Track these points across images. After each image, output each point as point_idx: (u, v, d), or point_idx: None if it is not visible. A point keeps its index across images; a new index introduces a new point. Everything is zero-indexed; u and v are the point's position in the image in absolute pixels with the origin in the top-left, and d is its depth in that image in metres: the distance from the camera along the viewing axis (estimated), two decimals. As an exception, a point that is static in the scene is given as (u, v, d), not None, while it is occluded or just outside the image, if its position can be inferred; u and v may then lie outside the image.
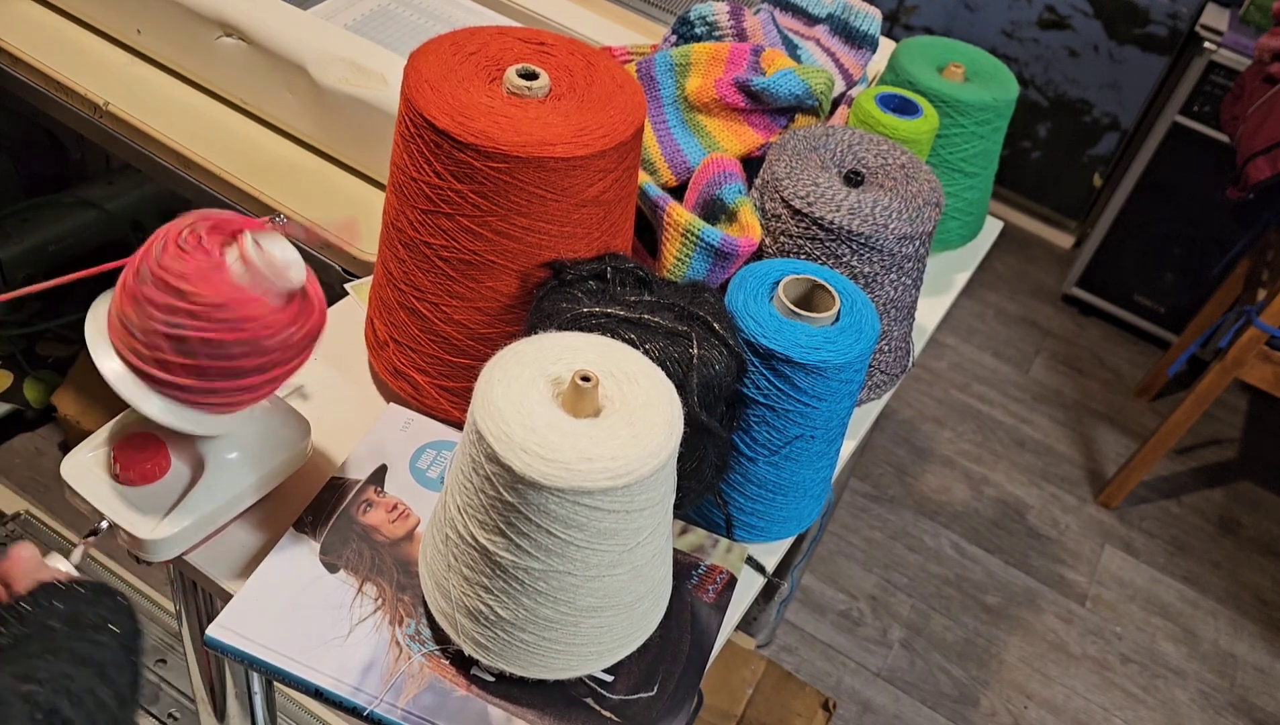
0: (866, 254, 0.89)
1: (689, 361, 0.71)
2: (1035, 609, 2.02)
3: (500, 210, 0.75)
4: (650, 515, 0.63)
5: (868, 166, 0.96)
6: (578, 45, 0.84)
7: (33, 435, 1.86)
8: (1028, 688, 1.89)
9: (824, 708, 1.57)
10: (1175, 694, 1.94)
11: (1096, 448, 2.39)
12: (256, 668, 0.68)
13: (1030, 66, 2.72)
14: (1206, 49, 2.28)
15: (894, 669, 1.87)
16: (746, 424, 0.79)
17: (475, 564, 0.64)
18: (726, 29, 1.12)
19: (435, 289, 0.80)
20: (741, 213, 0.93)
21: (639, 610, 0.68)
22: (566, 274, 0.77)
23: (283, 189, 1.12)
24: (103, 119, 1.18)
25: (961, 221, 1.22)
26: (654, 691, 0.70)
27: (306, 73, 1.10)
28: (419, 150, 0.75)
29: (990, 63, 1.21)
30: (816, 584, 1.97)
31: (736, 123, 1.05)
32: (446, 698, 0.67)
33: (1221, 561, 2.21)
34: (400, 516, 0.77)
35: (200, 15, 1.14)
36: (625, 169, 0.79)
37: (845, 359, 0.76)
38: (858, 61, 1.20)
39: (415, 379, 0.85)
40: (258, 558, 0.76)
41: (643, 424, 0.61)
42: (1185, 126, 2.37)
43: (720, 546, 0.81)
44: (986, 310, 2.71)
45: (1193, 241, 2.51)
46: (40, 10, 1.28)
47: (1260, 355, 1.94)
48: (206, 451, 0.75)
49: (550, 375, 0.63)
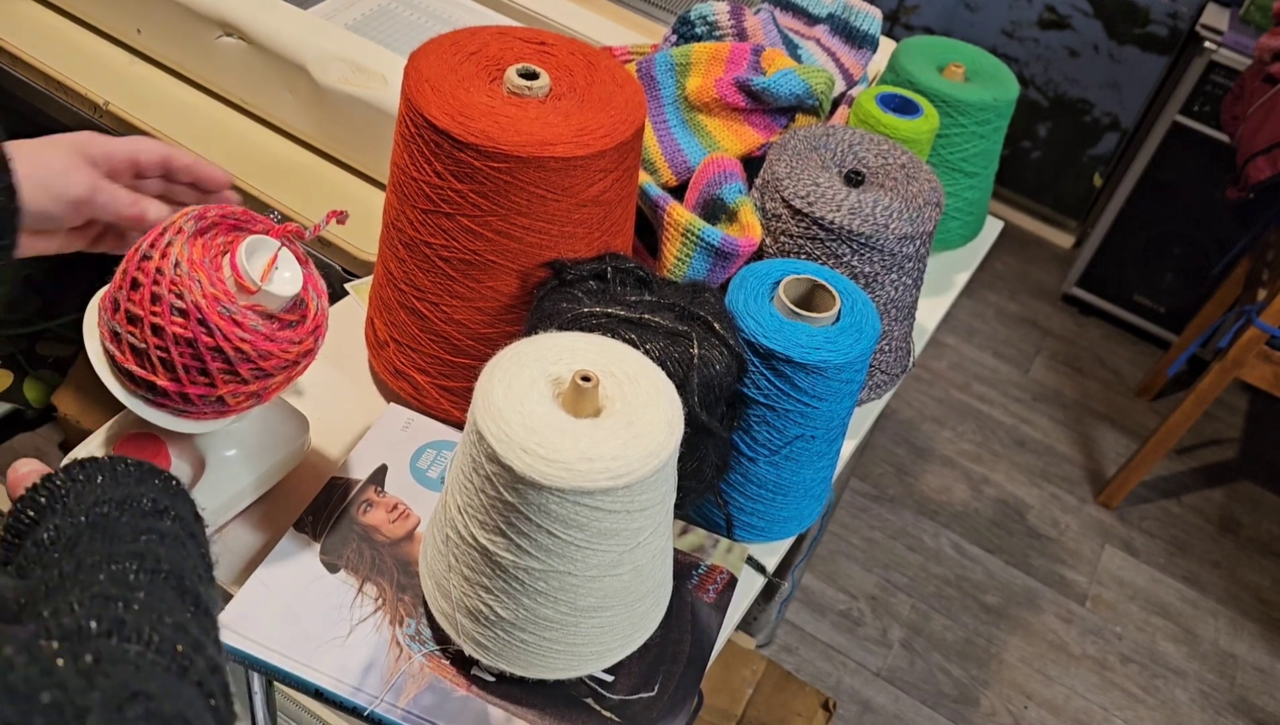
0: (867, 254, 0.89)
1: (689, 361, 0.71)
2: (1035, 609, 2.02)
3: (500, 210, 0.75)
4: (651, 515, 0.63)
5: (868, 166, 0.96)
6: (578, 45, 0.84)
7: (33, 435, 1.86)
8: (1028, 688, 1.89)
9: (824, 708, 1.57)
10: (1175, 694, 1.94)
11: (1096, 448, 2.39)
12: (256, 668, 0.68)
13: (1030, 66, 2.72)
14: (1207, 49, 2.28)
15: (894, 669, 1.87)
16: (747, 424, 0.79)
17: (476, 564, 0.64)
18: (727, 29, 1.12)
19: (435, 289, 0.80)
20: (742, 212, 0.93)
21: (639, 610, 0.68)
22: (567, 274, 0.77)
23: (283, 189, 1.12)
24: (103, 119, 1.18)
25: (962, 221, 1.22)
26: (654, 692, 0.70)
27: (307, 72, 1.10)
28: (419, 150, 0.75)
29: (990, 62, 1.21)
30: (816, 584, 1.97)
31: (737, 122, 1.05)
32: (447, 698, 0.67)
33: (1221, 561, 2.21)
34: (400, 516, 0.77)
35: (200, 15, 1.14)
36: (625, 169, 0.79)
37: (845, 359, 0.76)
38: (858, 61, 1.20)
39: (415, 379, 0.85)
40: (258, 558, 0.76)
41: (643, 424, 0.61)
42: (1185, 126, 2.37)
43: (720, 546, 0.81)
44: (986, 310, 2.71)
45: (1193, 241, 2.51)
46: (40, 10, 1.28)
47: (1260, 355, 1.94)
48: (206, 450, 0.75)
49: (550, 375, 0.63)
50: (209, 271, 0.64)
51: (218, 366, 0.64)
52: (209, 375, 0.65)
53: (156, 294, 0.63)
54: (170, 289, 0.63)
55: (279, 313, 0.67)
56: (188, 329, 0.63)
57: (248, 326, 0.64)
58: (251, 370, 0.66)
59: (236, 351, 0.64)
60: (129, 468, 0.52)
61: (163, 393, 0.65)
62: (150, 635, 0.41)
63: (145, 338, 0.64)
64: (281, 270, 0.67)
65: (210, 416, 0.68)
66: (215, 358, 0.64)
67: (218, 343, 0.64)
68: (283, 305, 0.67)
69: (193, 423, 0.68)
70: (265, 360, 0.66)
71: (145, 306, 0.63)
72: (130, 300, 0.64)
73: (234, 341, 0.64)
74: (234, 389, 0.66)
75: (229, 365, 0.65)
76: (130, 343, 0.64)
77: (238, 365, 0.65)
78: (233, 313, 0.64)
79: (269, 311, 0.67)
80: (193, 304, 0.63)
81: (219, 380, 0.65)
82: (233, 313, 0.64)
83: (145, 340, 0.64)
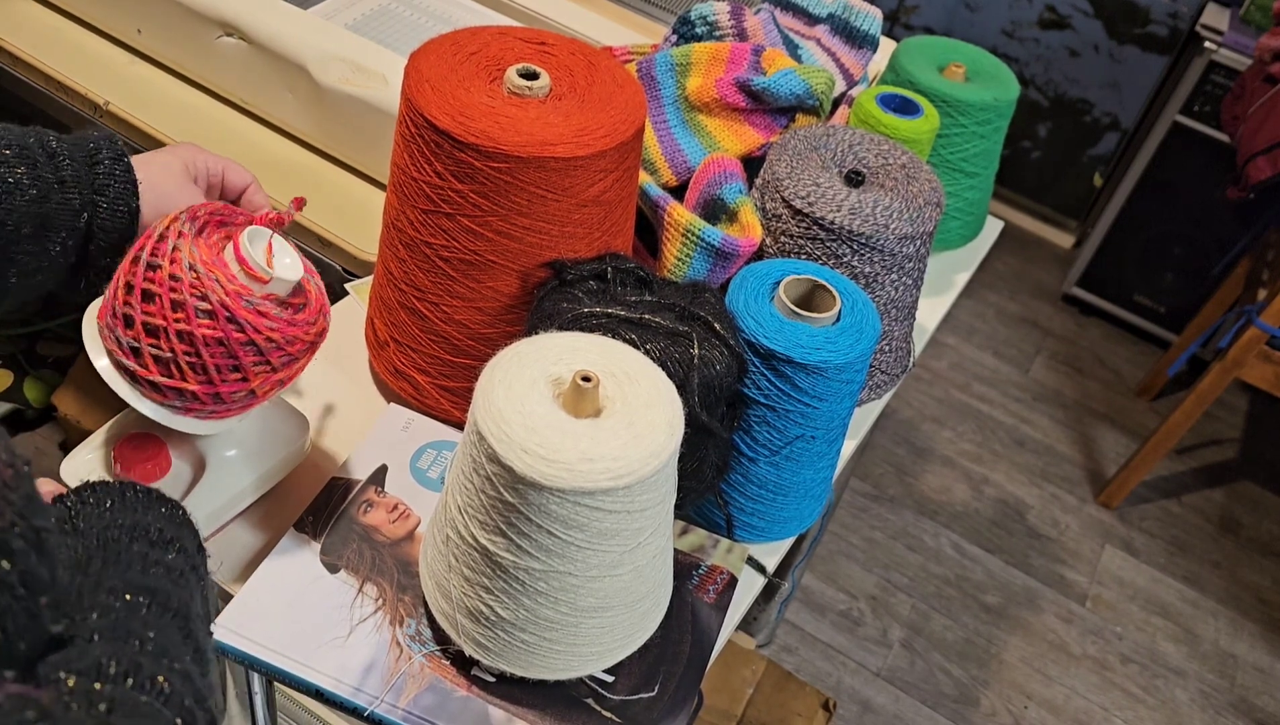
0: (867, 254, 0.89)
1: (690, 362, 0.71)
2: (1035, 609, 2.02)
3: (501, 210, 0.75)
4: (651, 516, 0.63)
5: (868, 166, 0.96)
6: (578, 45, 0.84)
7: (33, 435, 1.86)
8: (1028, 688, 1.89)
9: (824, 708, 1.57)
10: (1175, 694, 1.94)
11: (1096, 448, 2.39)
12: (257, 668, 0.68)
13: (1030, 66, 2.72)
14: (1207, 49, 2.28)
15: (894, 669, 1.87)
16: (747, 424, 0.79)
17: (476, 564, 0.64)
18: (727, 29, 1.12)
19: (436, 289, 0.80)
20: (742, 213, 0.93)
21: (640, 611, 0.68)
22: (567, 274, 0.77)
23: (283, 189, 1.12)
24: (103, 119, 1.18)
25: (962, 221, 1.22)
26: (654, 692, 0.70)
27: (307, 72, 1.10)
28: (419, 150, 0.75)
29: (991, 62, 1.21)
30: (817, 584, 1.97)
31: (737, 122, 1.05)
32: (447, 698, 0.67)
33: (1221, 561, 2.21)
34: (401, 516, 0.77)
35: (200, 15, 1.14)
36: (626, 169, 0.79)
37: (846, 359, 0.76)
38: (858, 61, 1.20)
39: (416, 379, 0.85)
40: (258, 558, 0.76)
41: (643, 424, 0.61)
42: (1185, 126, 2.37)
43: (721, 547, 0.81)
44: (987, 310, 2.71)
45: (1193, 241, 2.50)
46: (40, 10, 1.28)
47: (1260, 355, 1.94)
48: (206, 450, 0.75)
49: (551, 375, 0.63)
50: (223, 270, 0.64)
51: (251, 360, 0.65)
52: (241, 370, 0.65)
53: (177, 301, 0.62)
54: (192, 293, 0.63)
55: (288, 298, 0.68)
56: (216, 328, 0.63)
57: (272, 315, 0.65)
58: (281, 357, 0.67)
59: (268, 341, 0.65)
60: (137, 494, 0.53)
61: (193, 397, 0.65)
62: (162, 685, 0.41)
63: (171, 346, 0.63)
64: (281, 257, 0.67)
65: (236, 411, 0.69)
66: (248, 352, 0.65)
67: (249, 336, 0.64)
68: (290, 289, 0.68)
69: (215, 423, 0.68)
70: (292, 345, 0.67)
71: (167, 315, 0.63)
72: (147, 313, 0.63)
73: (264, 332, 0.65)
74: (265, 379, 0.67)
75: (261, 356, 0.66)
76: (153, 355, 0.64)
77: (269, 354, 0.66)
78: (256, 305, 0.65)
79: (281, 297, 0.67)
80: (219, 303, 0.63)
81: (251, 373, 0.66)
82: (256, 305, 0.65)
83: (171, 348, 0.63)
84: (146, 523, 0.50)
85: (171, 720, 0.40)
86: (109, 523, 0.49)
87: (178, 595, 0.47)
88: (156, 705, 0.40)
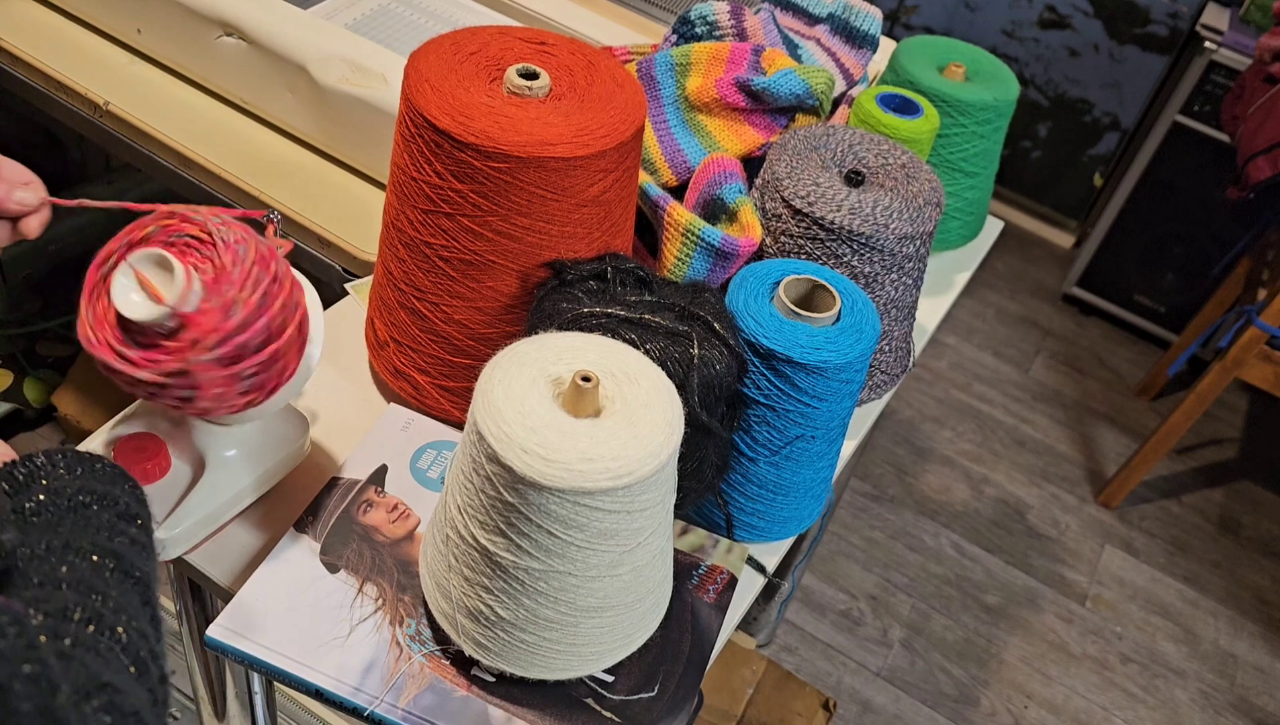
0: (867, 254, 0.89)
1: (689, 361, 0.71)
2: (1035, 609, 2.02)
3: (501, 210, 0.75)
4: (651, 516, 0.63)
5: (868, 166, 0.96)
6: (578, 45, 0.84)
7: (33, 435, 1.86)
8: (1028, 687, 1.89)
9: (824, 708, 1.57)
10: (1175, 694, 1.94)
11: (1096, 448, 2.39)
12: (257, 668, 0.68)
13: (1030, 66, 2.72)
14: (1207, 48, 2.28)
15: (894, 669, 1.87)
16: (747, 424, 0.79)
17: (476, 564, 0.64)
18: (727, 28, 1.12)
19: (435, 289, 0.80)
20: (742, 212, 0.93)
21: (639, 610, 0.68)
22: (567, 274, 0.77)
23: (283, 189, 1.12)
24: (103, 119, 1.18)
25: (962, 221, 1.22)
26: (654, 692, 0.70)
27: (307, 72, 1.10)
28: (419, 150, 0.75)
29: (991, 62, 1.21)
30: (816, 584, 1.97)
31: (737, 122, 1.05)
32: (447, 698, 0.67)
33: (1221, 561, 2.21)
34: (400, 516, 0.77)
35: (200, 15, 1.14)
36: (626, 169, 0.79)
37: (846, 359, 0.76)
38: (858, 61, 1.20)
39: (415, 379, 0.85)
40: (258, 558, 0.76)
41: (643, 424, 0.61)
42: (1185, 126, 2.37)
43: (721, 546, 0.81)
44: (987, 310, 2.71)
45: (1193, 241, 2.51)
46: (40, 10, 1.28)
47: (1260, 355, 1.94)
48: (206, 450, 0.75)
49: (551, 375, 0.63)
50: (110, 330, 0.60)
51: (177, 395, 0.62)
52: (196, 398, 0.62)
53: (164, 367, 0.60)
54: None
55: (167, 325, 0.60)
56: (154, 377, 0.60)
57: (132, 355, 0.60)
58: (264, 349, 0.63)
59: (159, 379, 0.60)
60: (104, 468, 0.55)
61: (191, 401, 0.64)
62: (121, 635, 0.45)
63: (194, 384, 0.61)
64: (130, 292, 0.60)
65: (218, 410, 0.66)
66: (168, 392, 0.61)
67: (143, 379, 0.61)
68: (158, 317, 0.60)
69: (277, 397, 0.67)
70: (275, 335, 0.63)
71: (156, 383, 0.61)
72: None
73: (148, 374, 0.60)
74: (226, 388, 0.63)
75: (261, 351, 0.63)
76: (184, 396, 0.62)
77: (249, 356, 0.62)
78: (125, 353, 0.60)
79: (162, 328, 0.60)
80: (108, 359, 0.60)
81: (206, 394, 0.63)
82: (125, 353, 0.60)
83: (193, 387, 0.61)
84: (115, 494, 0.53)
85: (127, 667, 0.44)
86: (80, 488, 0.52)
87: (140, 566, 0.50)
88: (115, 650, 0.44)
